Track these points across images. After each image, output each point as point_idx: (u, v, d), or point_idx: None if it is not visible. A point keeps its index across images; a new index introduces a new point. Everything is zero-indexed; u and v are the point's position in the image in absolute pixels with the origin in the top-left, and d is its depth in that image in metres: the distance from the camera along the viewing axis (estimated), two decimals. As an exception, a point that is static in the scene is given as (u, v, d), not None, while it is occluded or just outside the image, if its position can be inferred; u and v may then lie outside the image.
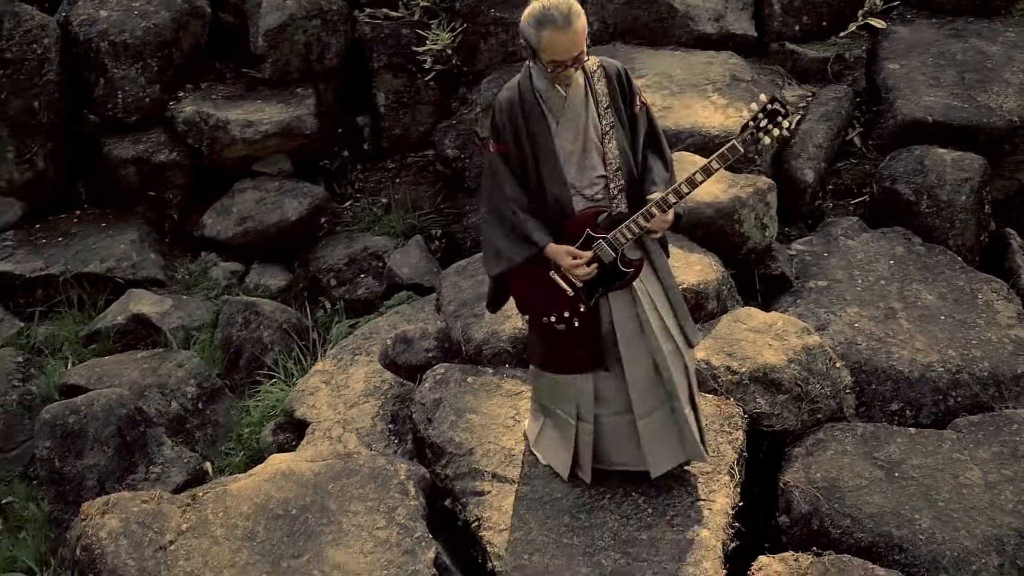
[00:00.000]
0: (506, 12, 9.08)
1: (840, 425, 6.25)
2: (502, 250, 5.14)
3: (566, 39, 4.77)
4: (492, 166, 5.11)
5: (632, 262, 5.12)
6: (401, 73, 9.51)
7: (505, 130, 5.03)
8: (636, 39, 8.49)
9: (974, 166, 7.52)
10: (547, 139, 4.99)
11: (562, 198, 5.04)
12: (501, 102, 5.05)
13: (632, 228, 4.99)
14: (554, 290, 5.18)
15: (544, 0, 4.79)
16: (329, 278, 8.81)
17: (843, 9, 8.55)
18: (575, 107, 4.98)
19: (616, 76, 5.06)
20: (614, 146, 5.00)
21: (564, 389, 5.46)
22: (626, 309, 5.24)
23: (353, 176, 9.60)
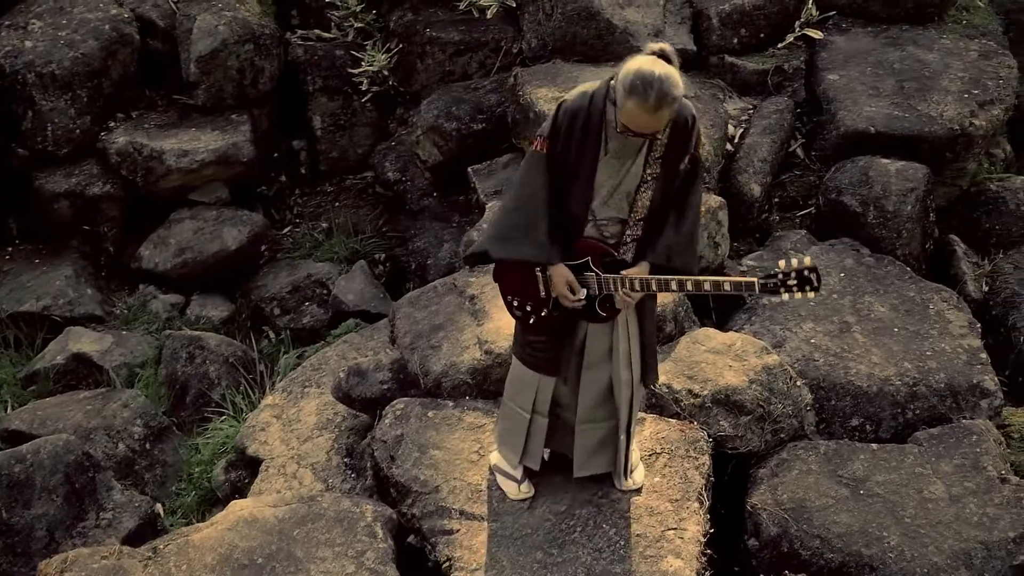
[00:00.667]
0: (442, 32, 9.00)
1: (803, 444, 6.25)
2: (514, 240, 5.03)
3: (648, 119, 4.61)
4: (535, 162, 4.97)
5: (609, 309, 5.08)
6: (337, 95, 9.38)
7: (560, 133, 4.89)
8: (576, 56, 8.43)
9: (918, 176, 7.56)
10: (591, 163, 4.89)
11: (578, 219, 4.99)
12: (568, 106, 4.89)
13: (621, 283, 4.96)
14: (530, 281, 5.13)
15: (650, 67, 4.59)
16: (272, 307, 8.66)
17: (780, 20, 8.55)
18: (630, 148, 4.86)
19: (683, 125, 4.88)
20: (647, 197, 4.92)
21: (526, 383, 5.44)
22: (602, 332, 5.24)
23: (292, 201, 9.45)
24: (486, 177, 8.21)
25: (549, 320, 5.18)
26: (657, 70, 4.56)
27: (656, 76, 4.54)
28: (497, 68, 8.92)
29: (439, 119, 8.49)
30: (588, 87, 4.92)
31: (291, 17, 9.71)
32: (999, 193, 8.12)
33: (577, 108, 4.86)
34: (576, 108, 4.87)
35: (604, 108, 4.83)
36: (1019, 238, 8.03)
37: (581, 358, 5.29)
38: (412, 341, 6.63)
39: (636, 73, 4.56)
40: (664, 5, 8.44)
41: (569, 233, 5.03)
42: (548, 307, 5.15)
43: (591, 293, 5.05)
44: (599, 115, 4.84)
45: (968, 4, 8.90)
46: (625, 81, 4.59)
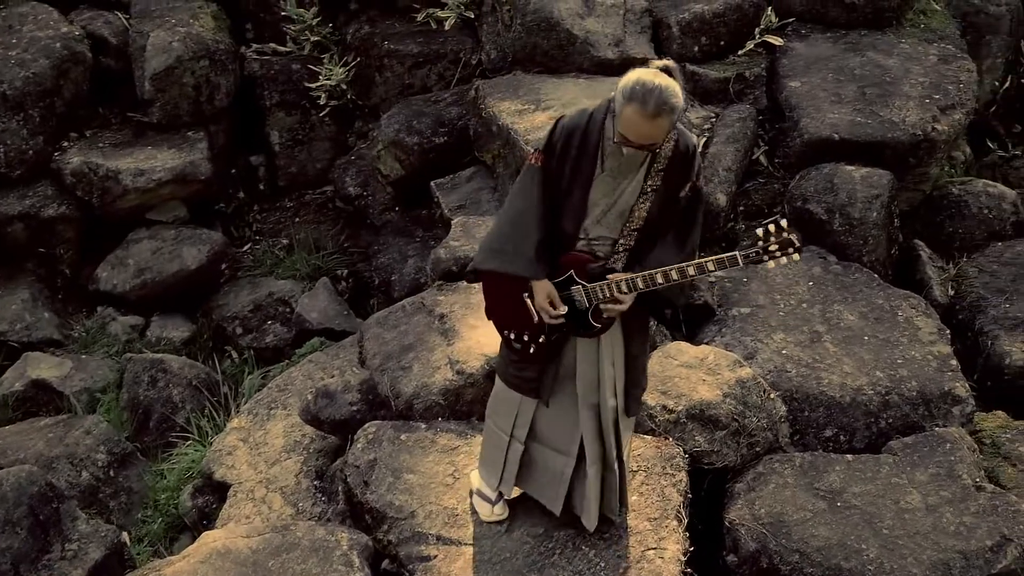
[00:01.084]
0: (400, 44, 8.91)
1: (778, 456, 6.23)
2: (503, 252, 4.99)
3: (646, 126, 4.56)
4: (531, 176, 4.93)
5: (603, 320, 5.01)
6: (294, 110, 9.27)
7: (556, 149, 4.86)
8: (537, 67, 8.37)
9: (883, 182, 7.57)
10: (587, 181, 4.85)
11: (569, 236, 4.94)
12: (566, 124, 4.85)
13: (613, 288, 4.88)
14: (521, 311, 5.07)
15: (650, 77, 4.56)
16: (234, 326, 8.54)
17: (740, 28, 8.53)
18: (628, 165, 4.81)
19: (684, 151, 4.85)
20: (643, 210, 4.86)
21: (508, 403, 5.37)
22: (590, 355, 5.17)
23: (251, 218, 9.33)
24: (449, 191, 8.13)
25: (548, 345, 5.10)
26: (658, 80, 4.55)
27: (656, 84, 4.53)
28: (457, 80, 8.85)
29: (400, 133, 8.40)
30: (588, 105, 4.91)
31: (246, 31, 9.59)
32: (961, 197, 8.14)
33: (575, 125, 4.83)
34: (574, 125, 4.83)
35: (603, 125, 4.80)
36: (982, 241, 8.06)
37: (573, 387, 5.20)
38: (382, 362, 6.54)
39: (636, 81, 4.55)
40: (624, 15, 8.39)
41: (559, 249, 4.97)
42: (544, 333, 5.08)
43: (579, 306, 4.97)
44: (597, 132, 4.80)
45: (925, 8, 8.92)
46: (625, 88, 4.57)
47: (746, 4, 8.53)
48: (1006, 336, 7.23)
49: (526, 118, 7.64)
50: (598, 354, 5.15)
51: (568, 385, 5.23)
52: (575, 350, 5.17)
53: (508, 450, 5.40)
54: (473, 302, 6.71)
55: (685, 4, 8.50)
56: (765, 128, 8.29)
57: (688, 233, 5.00)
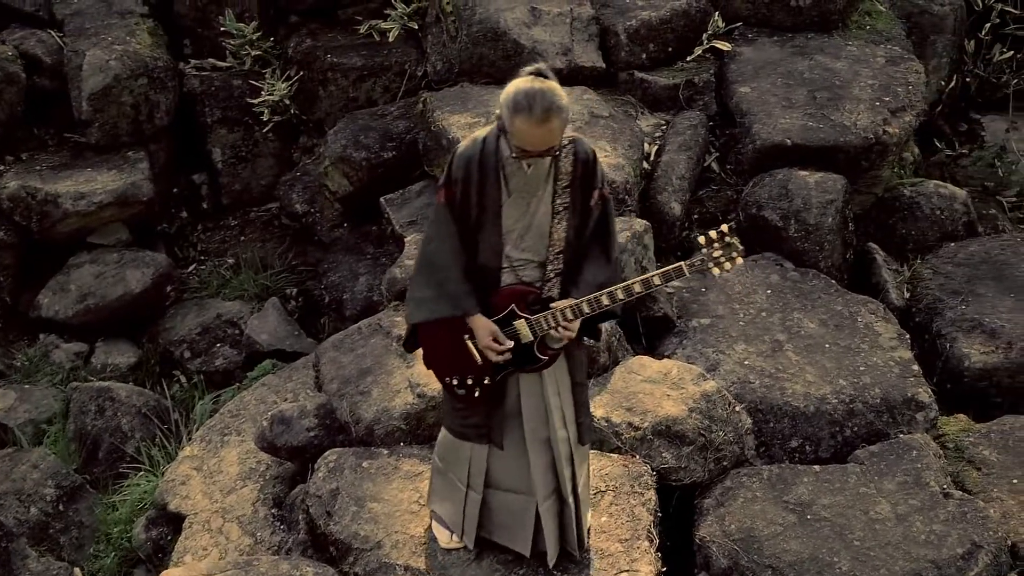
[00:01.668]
0: (344, 57, 8.77)
1: (746, 470, 6.16)
2: (427, 300, 4.88)
3: (539, 133, 4.49)
4: (438, 214, 4.85)
5: (549, 351, 4.91)
6: (237, 126, 9.09)
7: (457, 183, 4.76)
8: (484, 78, 8.26)
9: (837, 187, 7.54)
10: (495, 208, 4.75)
11: (492, 268, 4.83)
12: (460, 155, 4.76)
13: (557, 317, 4.78)
14: (463, 355, 4.94)
15: (529, 84, 4.52)
16: (182, 350, 8.35)
17: (687, 34, 8.48)
18: (532, 184, 4.72)
19: (584, 160, 4.78)
20: (562, 229, 4.77)
21: (459, 452, 5.24)
22: (534, 389, 5.04)
23: (195, 238, 9.13)
24: (400, 207, 7.99)
25: (493, 386, 4.98)
26: (537, 84, 4.51)
27: (537, 89, 4.49)
28: (403, 92, 8.71)
29: (347, 149, 8.25)
30: (479, 133, 4.82)
31: (184, 47, 9.39)
32: (913, 198, 8.13)
33: (470, 154, 4.74)
34: (469, 154, 4.75)
35: (497, 147, 4.71)
36: (935, 242, 8.05)
37: (520, 425, 5.07)
38: (340, 387, 6.39)
39: (516, 91, 4.51)
40: (571, 23, 8.30)
41: (486, 284, 4.85)
42: (489, 374, 4.95)
43: (523, 340, 4.86)
44: (494, 155, 4.72)
45: (870, 9, 8.92)
46: (508, 102, 4.52)
47: (692, 10, 8.48)
48: (964, 338, 7.21)
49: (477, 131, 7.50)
50: (542, 387, 5.03)
51: (515, 424, 5.10)
52: (518, 387, 5.05)
53: (466, 501, 5.26)
54: (431, 322, 6.58)
55: (632, 11, 8.42)
56: (716, 134, 8.25)
57: (608, 244, 4.94)
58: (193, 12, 9.31)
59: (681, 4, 8.45)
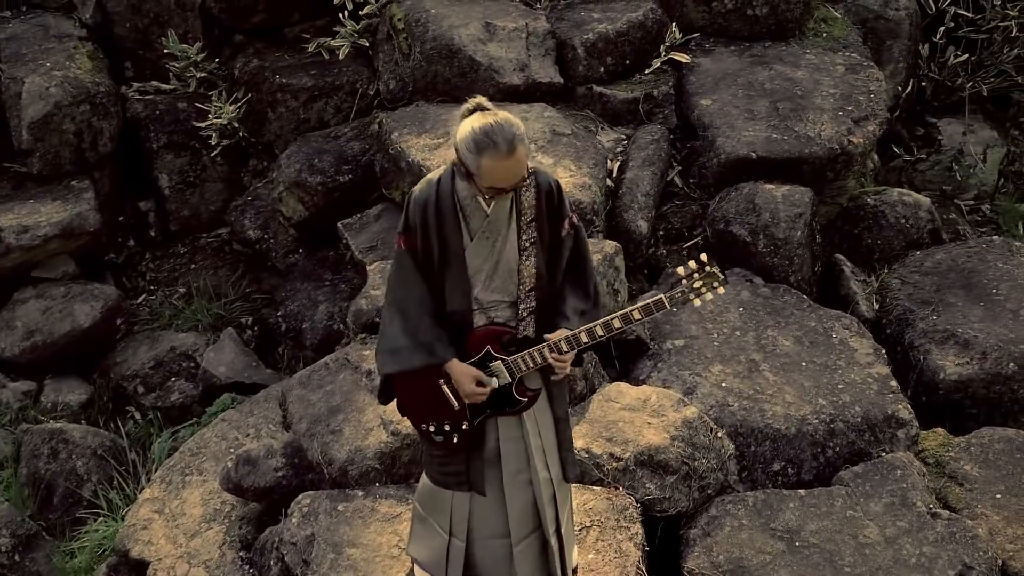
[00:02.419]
0: (293, 78, 8.51)
1: (730, 497, 6.02)
2: (399, 350, 4.68)
3: (509, 166, 4.30)
4: (400, 262, 4.66)
5: (528, 391, 4.74)
6: (184, 151, 8.81)
7: (415, 229, 4.57)
8: (439, 96, 8.06)
9: (804, 199, 7.43)
10: (458, 251, 4.57)
11: (463, 311, 4.64)
12: (416, 199, 4.56)
13: (535, 358, 4.60)
14: (439, 400, 4.75)
15: (483, 120, 4.32)
16: (135, 385, 8.08)
17: (645, 46, 8.33)
18: (496, 223, 4.54)
19: (547, 191, 4.61)
20: (531, 265, 4.60)
21: (440, 500, 5.04)
22: (513, 432, 4.85)
23: (143, 267, 8.85)
24: (358, 232, 7.77)
25: (472, 432, 4.80)
26: (489, 119, 4.33)
27: (493, 123, 4.31)
28: (355, 112, 8.48)
29: (302, 173, 8.00)
30: (433, 174, 4.62)
31: (125, 70, 9.09)
32: (877, 207, 8.05)
33: (425, 197, 4.55)
34: (424, 197, 4.55)
35: (453, 189, 4.52)
36: (901, 251, 7.98)
37: (499, 470, 4.88)
38: (309, 427, 6.16)
39: (473, 131, 4.32)
40: (527, 38, 8.12)
41: (458, 328, 4.67)
42: (467, 418, 4.77)
43: (500, 383, 4.69)
44: (450, 197, 4.53)
45: (825, 16, 8.83)
46: (469, 143, 4.32)
47: (649, 21, 8.34)
48: (937, 350, 7.13)
49: (437, 154, 7.32)
50: (522, 429, 4.85)
51: (496, 468, 4.90)
52: (497, 430, 4.86)
53: (449, 549, 5.05)
54: (401, 355, 6.38)
55: (588, 24, 8.27)
56: (677, 147, 8.11)
57: (585, 274, 4.80)
58: (134, 34, 9.02)
59: (637, 16, 8.30)
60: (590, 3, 8.60)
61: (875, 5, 8.95)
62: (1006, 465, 6.46)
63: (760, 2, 8.42)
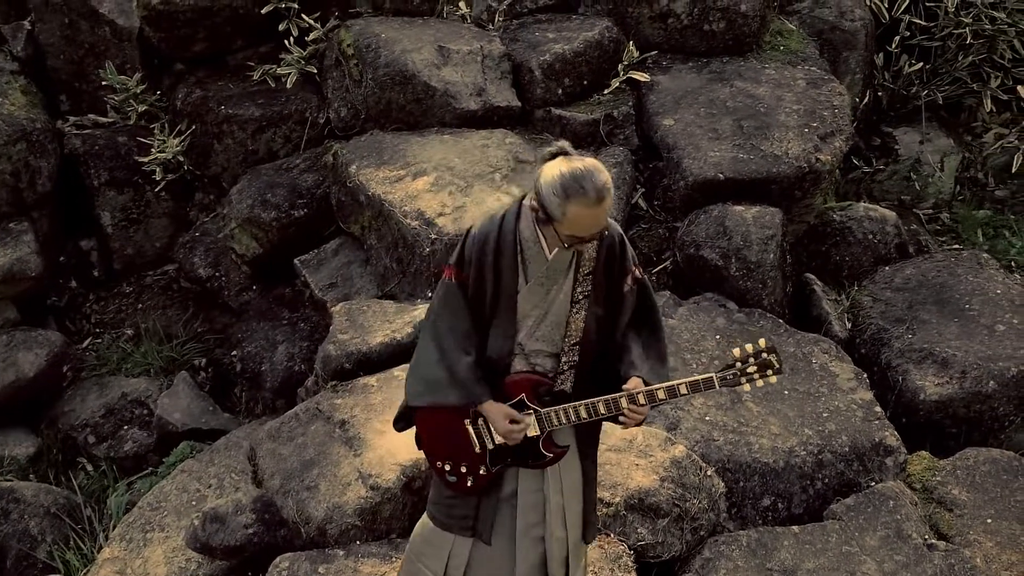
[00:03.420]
0: (239, 108, 8.19)
1: (723, 538, 5.84)
2: (434, 384, 4.45)
3: (594, 216, 4.08)
4: (448, 293, 4.43)
5: (555, 448, 4.51)
6: (127, 187, 8.45)
7: (471, 264, 4.36)
8: (394, 124, 7.78)
9: (775, 221, 7.27)
10: (511, 293, 4.35)
11: (504, 353, 4.42)
12: (477, 235, 4.34)
13: (570, 415, 4.38)
14: (461, 441, 4.53)
15: (572, 165, 4.10)
16: (86, 435, 7.73)
17: (602, 65, 8.12)
18: (554, 271, 4.32)
19: (610, 244, 4.38)
20: (580, 319, 4.37)
21: (438, 544, 4.78)
22: (534, 484, 4.62)
23: (87, 309, 8.48)
24: (316, 269, 7.49)
25: (488, 477, 4.56)
26: (578, 164, 4.11)
27: (585, 169, 4.09)
28: (306, 142, 8.17)
29: (255, 209, 7.68)
30: (496, 211, 4.41)
31: (60, 103, 8.70)
32: (844, 223, 7.93)
33: (486, 234, 4.34)
34: (485, 234, 4.34)
35: (516, 230, 4.31)
36: (869, 267, 7.87)
37: (512, 520, 4.65)
38: (283, 483, 5.86)
39: (563, 176, 4.08)
40: (482, 61, 7.88)
41: (496, 370, 4.44)
42: (486, 463, 4.53)
43: (529, 435, 4.45)
44: (512, 239, 4.32)
45: (781, 29, 8.69)
46: (556, 188, 4.08)
47: (605, 40, 8.13)
48: (915, 370, 7.00)
49: (399, 187, 7.06)
50: (544, 483, 4.62)
51: (507, 516, 4.67)
52: (516, 480, 4.63)
53: None
54: (374, 403, 6.11)
55: (544, 45, 8.04)
56: (639, 169, 7.90)
57: (655, 331, 4.57)
58: (68, 66, 8.64)
59: (593, 35, 8.09)
60: (543, 22, 8.38)
61: (830, 16, 8.83)
62: (993, 488, 6.35)
63: (717, 17, 8.24)
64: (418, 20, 8.24)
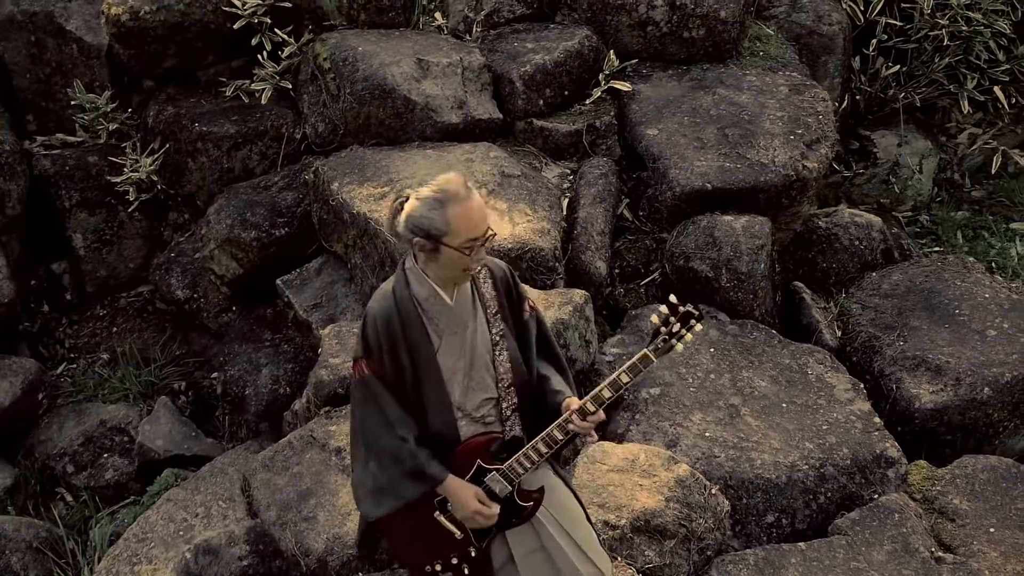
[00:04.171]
0: (213, 125, 8.00)
1: (730, 557, 5.75)
2: (387, 486, 4.27)
3: (475, 209, 4.05)
4: (368, 390, 4.23)
5: (531, 494, 4.39)
6: (99, 208, 8.26)
7: (381, 348, 4.19)
8: (373, 139, 7.63)
9: (764, 230, 7.20)
10: (430, 356, 4.21)
11: (447, 423, 4.27)
12: (375, 316, 4.19)
13: (531, 456, 4.26)
14: (439, 534, 4.39)
15: (425, 187, 4.08)
16: (64, 464, 7.53)
17: (582, 75, 8.02)
18: (461, 317, 4.22)
19: (503, 278, 4.36)
20: (505, 359, 4.28)
21: None
22: (529, 544, 4.48)
23: (61, 333, 8.27)
24: (299, 289, 7.33)
25: (482, 555, 4.42)
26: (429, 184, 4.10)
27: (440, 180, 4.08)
28: (283, 159, 8.00)
29: (234, 229, 7.50)
30: (384, 287, 4.29)
31: (27, 123, 8.49)
32: (830, 230, 7.88)
33: (386, 311, 4.21)
34: (385, 311, 4.21)
35: (410, 293, 4.21)
36: (856, 273, 7.83)
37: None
38: (279, 514, 5.70)
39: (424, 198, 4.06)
40: (462, 73, 7.75)
41: (444, 443, 4.30)
42: (473, 543, 4.40)
43: (503, 493, 4.34)
44: (409, 301, 4.21)
45: (759, 34, 8.62)
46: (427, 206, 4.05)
47: (585, 49, 8.03)
48: (909, 378, 6.96)
49: (384, 204, 6.91)
50: (537, 534, 4.48)
51: None
52: (507, 546, 4.49)
53: None
54: (370, 428, 5.96)
55: (524, 55, 7.92)
56: (623, 179, 7.80)
57: (554, 349, 4.57)
58: (35, 85, 8.44)
59: (573, 44, 7.98)
60: (521, 32, 8.27)
61: (807, 21, 8.77)
62: (993, 496, 6.30)
63: (696, 24, 8.15)
64: (394, 32, 8.09)
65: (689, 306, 4.25)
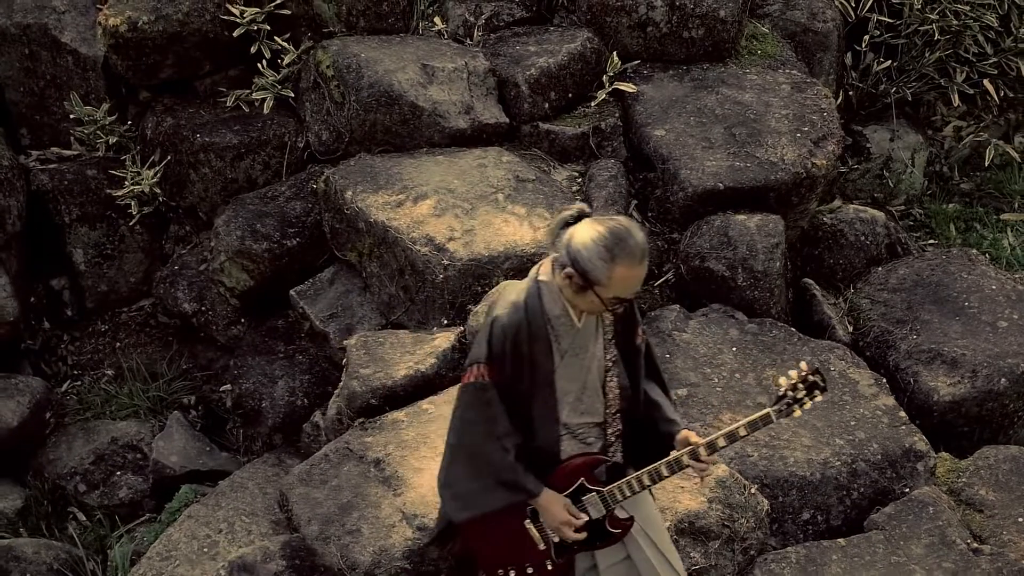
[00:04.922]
0: (215, 136, 7.89)
1: (772, 555, 5.78)
2: (478, 492, 4.32)
3: (639, 275, 4.07)
4: (483, 395, 4.26)
5: (621, 522, 4.41)
6: (99, 222, 8.12)
7: (504, 357, 4.20)
8: (381, 146, 7.58)
9: (778, 228, 7.23)
10: (548, 374, 4.24)
11: (551, 439, 4.29)
12: (506, 327, 4.18)
13: (633, 486, 4.27)
14: (522, 541, 4.40)
15: (609, 225, 4.03)
16: (75, 483, 7.41)
17: (585, 77, 8.01)
18: (584, 340, 4.22)
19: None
20: (615, 384, 4.31)
21: None
22: (614, 552, 4.52)
23: (63, 350, 8.13)
24: (314, 300, 7.27)
25: (558, 570, 4.43)
26: (614, 224, 4.06)
27: (624, 228, 4.06)
28: (287, 168, 7.92)
29: (245, 241, 7.40)
30: (515, 297, 4.27)
31: (21, 137, 8.35)
32: (835, 226, 7.93)
33: (517, 323, 4.21)
34: (516, 323, 4.21)
35: (542, 308, 4.20)
36: (862, 268, 7.88)
37: None
38: (322, 529, 5.64)
39: (604, 238, 4.01)
40: (468, 78, 7.71)
41: (545, 459, 4.32)
42: (551, 557, 4.40)
43: (593, 518, 4.37)
44: (540, 317, 4.21)
45: (755, 32, 8.65)
46: (600, 252, 4.00)
47: (587, 51, 8.02)
48: (925, 371, 7.02)
49: (402, 212, 6.87)
50: (623, 545, 4.52)
51: None
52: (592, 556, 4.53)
53: None
54: (407, 439, 5.92)
55: (527, 59, 7.90)
56: (631, 180, 7.80)
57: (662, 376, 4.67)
58: (28, 98, 8.29)
59: (576, 47, 7.97)
60: (522, 35, 8.24)
61: (802, 18, 8.81)
62: (1018, 486, 6.38)
63: (696, 24, 8.17)
64: (395, 38, 8.03)
65: (819, 377, 4.38)
